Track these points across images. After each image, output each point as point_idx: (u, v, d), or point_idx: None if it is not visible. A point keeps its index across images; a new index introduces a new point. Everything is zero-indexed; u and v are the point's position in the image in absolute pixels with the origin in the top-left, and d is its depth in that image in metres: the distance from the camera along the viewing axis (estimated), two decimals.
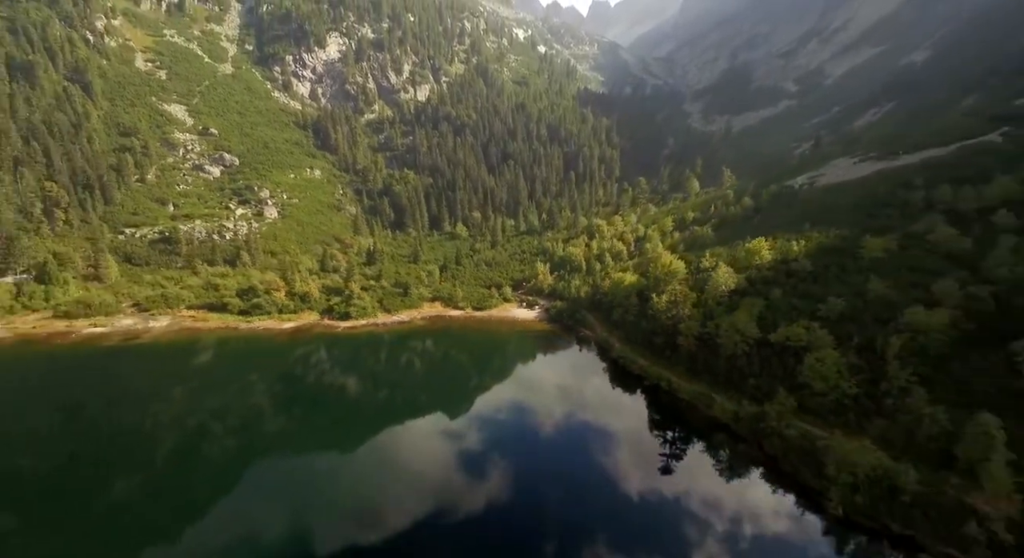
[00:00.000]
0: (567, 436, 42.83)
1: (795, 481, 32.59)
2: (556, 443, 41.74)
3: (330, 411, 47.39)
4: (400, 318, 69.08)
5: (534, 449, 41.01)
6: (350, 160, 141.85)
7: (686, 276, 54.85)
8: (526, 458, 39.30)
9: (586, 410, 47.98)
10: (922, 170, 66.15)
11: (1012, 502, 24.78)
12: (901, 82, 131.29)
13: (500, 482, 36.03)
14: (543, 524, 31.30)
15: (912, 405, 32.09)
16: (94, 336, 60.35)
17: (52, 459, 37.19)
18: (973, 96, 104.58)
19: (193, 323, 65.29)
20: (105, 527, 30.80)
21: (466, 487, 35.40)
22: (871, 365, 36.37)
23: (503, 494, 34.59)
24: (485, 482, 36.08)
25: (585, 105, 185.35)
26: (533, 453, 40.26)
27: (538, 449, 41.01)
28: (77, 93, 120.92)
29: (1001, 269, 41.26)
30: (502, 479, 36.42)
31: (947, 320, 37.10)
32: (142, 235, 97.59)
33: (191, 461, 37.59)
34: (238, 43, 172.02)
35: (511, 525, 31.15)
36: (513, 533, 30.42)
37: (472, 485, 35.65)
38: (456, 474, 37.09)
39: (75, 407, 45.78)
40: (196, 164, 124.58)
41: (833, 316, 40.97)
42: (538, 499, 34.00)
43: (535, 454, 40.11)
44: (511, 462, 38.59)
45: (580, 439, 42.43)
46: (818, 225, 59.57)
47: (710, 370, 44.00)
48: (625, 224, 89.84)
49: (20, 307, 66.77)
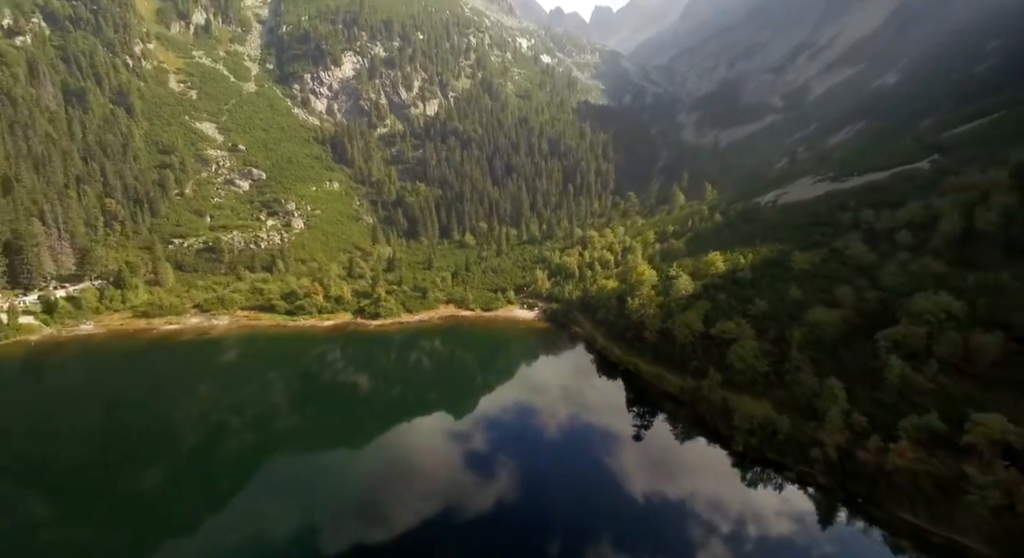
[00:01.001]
0: (560, 412, 56.62)
1: (715, 431, 46.23)
2: (550, 417, 55.56)
3: (378, 388, 61.64)
4: (421, 317, 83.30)
5: (532, 419, 54.91)
6: (365, 173, 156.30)
7: (656, 283, 68.62)
8: (525, 425, 53.26)
9: (575, 391, 61.87)
10: (859, 193, 79.62)
11: (842, 435, 38.16)
12: (872, 103, 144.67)
13: (506, 441, 50.01)
14: (537, 468, 45.20)
15: (801, 378, 45.61)
16: (171, 332, 74.72)
17: (135, 437, 51.39)
18: (928, 120, 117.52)
19: (248, 322, 79.57)
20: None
21: (478, 436, 49.35)
22: (780, 351, 49.91)
23: (509, 449, 48.53)
24: (496, 436, 50.08)
25: (584, 119, 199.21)
26: (531, 423, 54.20)
27: (535, 419, 54.92)
28: (121, 114, 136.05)
29: (890, 278, 54.66)
30: (508, 439, 50.39)
31: (839, 317, 50.59)
32: (189, 245, 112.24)
33: (267, 432, 51.75)
34: (260, 62, 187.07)
35: (516, 479, 45.02)
36: (513, 486, 44.29)
37: (485, 437, 49.62)
38: (471, 427, 51.08)
39: (154, 389, 60.06)
40: (227, 178, 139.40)
41: (758, 314, 54.57)
42: (534, 456, 47.92)
43: (533, 423, 54.05)
44: (514, 426, 52.58)
45: (570, 413, 56.16)
46: (767, 241, 73.22)
47: (666, 356, 57.70)
48: (614, 236, 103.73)
49: (104, 308, 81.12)
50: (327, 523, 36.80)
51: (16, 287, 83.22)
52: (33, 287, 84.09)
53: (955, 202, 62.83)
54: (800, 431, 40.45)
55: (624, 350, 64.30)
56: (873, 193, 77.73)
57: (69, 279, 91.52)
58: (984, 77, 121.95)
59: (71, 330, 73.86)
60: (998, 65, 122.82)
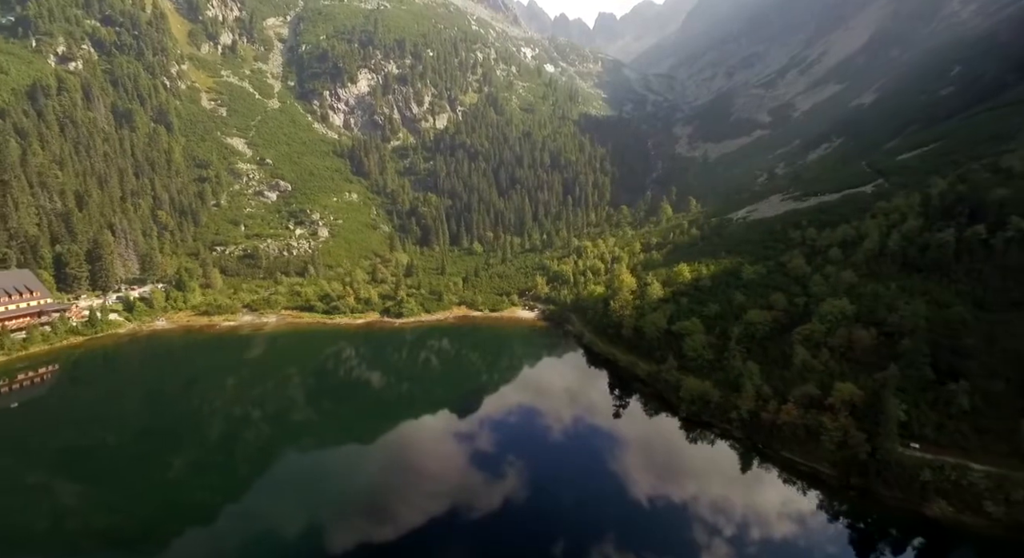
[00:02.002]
0: (554, 392, 72.25)
1: (670, 404, 61.70)
2: (546, 396, 71.22)
3: (408, 366, 77.66)
4: (437, 317, 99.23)
5: (531, 398, 70.64)
6: (381, 184, 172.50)
7: (635, 289, 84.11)
8: (525, 401, 69.07)
9: (567, 376, 77.53)
10: (812, 212, 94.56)
11: (752, 401, 53.48)
12: (849, 122, 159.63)
13: (509, 412, 65.89)
14: (533, 431, 60.98)
15: (733, 363, 60.95)
16: (230, 328, 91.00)
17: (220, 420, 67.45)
18: (894, 141, 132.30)
19: (293, 319, 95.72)
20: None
21: (486, 403, 65.22)
22: (722, 343, 65.19)
23: (511, 417, 64.37)
24: (504, 407, 65.95)
25: (584, 132, 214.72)
26: (530, 400, 69.93)
27: (533, 398, 70.62)
28: (162, 132, 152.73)
29: (816, 287, 69.84)
30: (511, 411, 66.30)
31: (770, 317, 65.90)
32: (230, 252, 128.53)
33: (322, 408, 67.80)
34: (282, 80, 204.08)
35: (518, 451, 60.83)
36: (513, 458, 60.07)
37: (493, 408, 65.51)
38: (485, 397, 66.93)
39: (225, 374, 76.15)
40: (257, 190, 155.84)
41: (710, 315, 69.90)
42: (531, 423, 63.73)
43: (531, 401, 69.77)
44: (516, 401, 68.43)
45: (561, 394, 71.76)
46: (731, 253, 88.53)
47: (638, 348, 73.10)
48: (605, 246, 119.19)
49: (170, 307, 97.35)
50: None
51: (95, 289, 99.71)
52: (108, 289, 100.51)
53: (879, 224, 78.11)
54: (725, 400, 55.84)
55: (606, 344, 79.87)
56: (822, 213, 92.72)
57: (134, 282, 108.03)
58: (947, 101, 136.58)
59: (148, 325, 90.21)
60: (958, 90, 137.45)
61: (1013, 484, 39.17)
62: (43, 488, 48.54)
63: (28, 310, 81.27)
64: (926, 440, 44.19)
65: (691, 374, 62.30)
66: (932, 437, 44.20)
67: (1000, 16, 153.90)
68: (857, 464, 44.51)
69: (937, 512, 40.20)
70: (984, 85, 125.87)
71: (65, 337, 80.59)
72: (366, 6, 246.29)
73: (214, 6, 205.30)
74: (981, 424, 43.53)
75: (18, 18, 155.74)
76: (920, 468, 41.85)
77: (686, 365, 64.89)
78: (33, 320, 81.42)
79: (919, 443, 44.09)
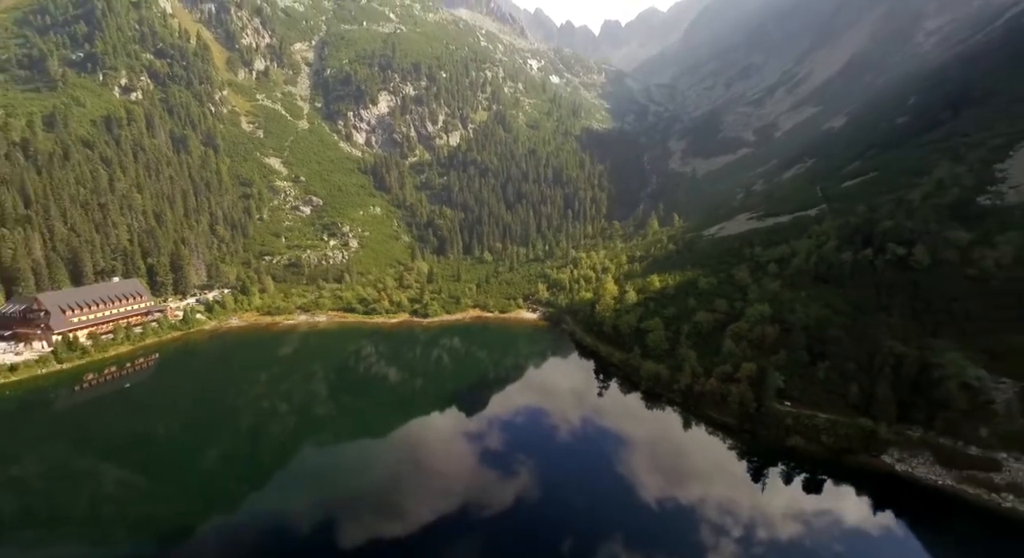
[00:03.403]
0: (550, 376, 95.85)
1: (633, 382, 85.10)
2: (544, 379, 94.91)
3: (437, 351, 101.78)
4: (457, 317, 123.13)
5: (531, 381, 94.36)
6: (401, 198, 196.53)
7: (616, 295, 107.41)
8: (526, 382, 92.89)
9: (560, 365, 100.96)
10: (766, 232, 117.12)
11: (688, 376, 76.64)
12: (820, 144, 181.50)
13: (512, 390, 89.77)
14: (531, 407, 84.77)
15: (681, 351, 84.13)
16: (291, 325, 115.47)
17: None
18: (854, 165, 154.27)
19: (339, 319, 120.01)
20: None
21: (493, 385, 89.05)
22: (675, 337, 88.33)
23: (514, 395, 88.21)
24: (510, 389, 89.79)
25: (585, 149, 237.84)
26: (530, 382, 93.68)
27: (533, 381, 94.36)
28: (211, 154, 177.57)
29: (752, 295, 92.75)
30: (514, 388, 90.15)
31: (712, 318, 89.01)
32: (276, 261, 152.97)
33: (369, 384, 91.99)
34: (310, 101, 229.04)
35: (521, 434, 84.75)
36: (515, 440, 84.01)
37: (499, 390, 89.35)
38: (495, 376, 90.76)
39: (293, 361, 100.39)
40: (293, 205, 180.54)
41: (669, 316, 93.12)
42: (531, 400, 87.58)
43: (531, 383, 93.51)
44: (518, 382, 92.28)
45: (557, 378, 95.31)
46: (694, 267, 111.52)
47: (615, 341, 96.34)
48: (597, 258, 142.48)
49: (238, 308, 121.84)
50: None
51: (176, 293, 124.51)
52: (187, 294, 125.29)
53: (808, 245, 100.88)
54: (672, 377, 79.14)
55: (592, 339, 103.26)
56: (773, 233, 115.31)
57: (204, 288, 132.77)
58: (900, 130, 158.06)
59: (225, 323, 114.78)
60: (910, 121, 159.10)
61: (840, 425, 62.17)
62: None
63: (139, 311, 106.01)
64: (794, 400, 67.25)
65: (650, 360, 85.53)
66: (798, 397, 67.26)
67: (953, 52, 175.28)
68: (749, 416, 67.71)
69: (793, 443, 63.27)
70: (928, 118, 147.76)
71: (167, 332, 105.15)
72: (383, 29, 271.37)
73: (248, 34, 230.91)
74: (829, 389, 66.57)
75: (87, 54, 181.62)
76: (786, 416, 65.03)
77: (648, 353, 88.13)
78: (142, 319, 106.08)
79: (790, 402, 67.19)
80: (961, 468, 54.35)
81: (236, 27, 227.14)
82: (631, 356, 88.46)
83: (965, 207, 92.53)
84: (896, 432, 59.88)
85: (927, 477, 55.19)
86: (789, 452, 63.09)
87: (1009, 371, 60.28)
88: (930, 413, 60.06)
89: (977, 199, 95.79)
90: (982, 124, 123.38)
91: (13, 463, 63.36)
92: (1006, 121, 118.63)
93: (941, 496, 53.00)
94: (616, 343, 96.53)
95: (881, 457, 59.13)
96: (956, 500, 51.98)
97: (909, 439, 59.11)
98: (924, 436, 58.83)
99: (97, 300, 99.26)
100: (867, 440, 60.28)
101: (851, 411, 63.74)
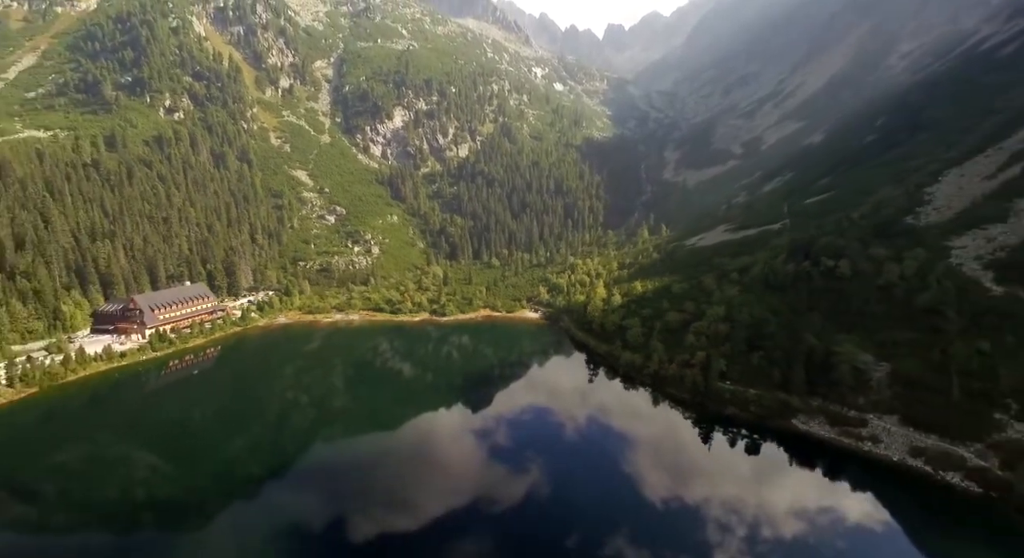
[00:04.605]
0: (549, 366, 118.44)
1: (615, 369, 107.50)
2: (543, 368, 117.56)
3: (459, 347, 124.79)
4: (470, 316, 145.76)
5: (532, 368, 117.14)
6: (415, 207, 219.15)
7: (604, 297, 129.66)
8: (529, 370, 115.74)
9: (556, 357, 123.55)
10: (735, 244, 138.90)
11: (656, 363, 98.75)
12: (799, 158, 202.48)
13: (517, 377, 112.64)
14: (531, 390, 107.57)
15: (653, 344, 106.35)
16: (330, 322, 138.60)
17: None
18: (825, 180, 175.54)
19: (369, 317, 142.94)
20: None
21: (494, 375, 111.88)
22: (649, 332, 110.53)
23: (518, 380, 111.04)
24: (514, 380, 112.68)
25: (585, 159, 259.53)
26: (531, 370, 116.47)
27: (534, 368, 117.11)
28: (246, 169, 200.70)
29: (715, 298, 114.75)
30: (519, 376, 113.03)
31: (680, 317, 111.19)
32: (309, 266, 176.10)
33: (396, 369, 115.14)
34: (330, 117, 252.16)
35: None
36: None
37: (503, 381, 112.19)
38: (501, 363, 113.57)
39: (332, 351, 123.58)
40: (319, 215, 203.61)
41: (646, 315, 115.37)
42: (531, 385, 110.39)
43: (532, 370, 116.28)
44: (521, 370, 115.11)
45: (553, 368, 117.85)
46: (672, 274, 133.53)
47: (602, 336, 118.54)
48: (591, 264, 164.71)
49: (283, 308, 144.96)
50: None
51: (230, 295, 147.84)
52: (238, 295, 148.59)
53: (764, 257, 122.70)
54: (644, 365, 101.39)
55: (584, 335, 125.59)
56: (741, 245, 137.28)
57: (251, 290, 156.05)
58: (867, 149, 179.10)
59: (274, 321, 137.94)
60: (876, 140, 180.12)
61: (764, 398, 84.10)
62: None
63: (207, 310, 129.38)
64: (733, 380, 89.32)
65: (628, 351, 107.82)
66: (736, 378, 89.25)
67: (917, 78, 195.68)
68: (700, 392, 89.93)
69: (730, 412, 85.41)
70: (889, 141, 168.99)
71: (230, 328, 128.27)
72: (397, 46, 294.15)
73: (274, 54, 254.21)
74: (759, 371, 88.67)
75: (135, 78, 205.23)
76: (726, 392, 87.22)
77: (627, 346, 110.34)
78: (209, 316, 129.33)
79: (729, 381, 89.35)
80: (842, 426, 76.30)
81: (263, 47, 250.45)
82: (613, 348, 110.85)
83: (891, 226, 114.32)
84: (803, 402, 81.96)
85: (819, 433, 77.12)
86: (727, 418, 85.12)
87: (888, 357, 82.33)
88: (828, 388, 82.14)
89: (904, 219, 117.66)
90: (925, 150, 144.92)
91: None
92: (943, 147, 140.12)
93: (827, 445, 74.82)
94: (602, 338, 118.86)
95: (791, 421, 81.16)
96: (835, 447, 73.95)
97: (811, 407, 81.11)
98: (821, 405, 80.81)
99: (175, 301, 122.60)
100: (782, 409, 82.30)
101: (773, 388, 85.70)
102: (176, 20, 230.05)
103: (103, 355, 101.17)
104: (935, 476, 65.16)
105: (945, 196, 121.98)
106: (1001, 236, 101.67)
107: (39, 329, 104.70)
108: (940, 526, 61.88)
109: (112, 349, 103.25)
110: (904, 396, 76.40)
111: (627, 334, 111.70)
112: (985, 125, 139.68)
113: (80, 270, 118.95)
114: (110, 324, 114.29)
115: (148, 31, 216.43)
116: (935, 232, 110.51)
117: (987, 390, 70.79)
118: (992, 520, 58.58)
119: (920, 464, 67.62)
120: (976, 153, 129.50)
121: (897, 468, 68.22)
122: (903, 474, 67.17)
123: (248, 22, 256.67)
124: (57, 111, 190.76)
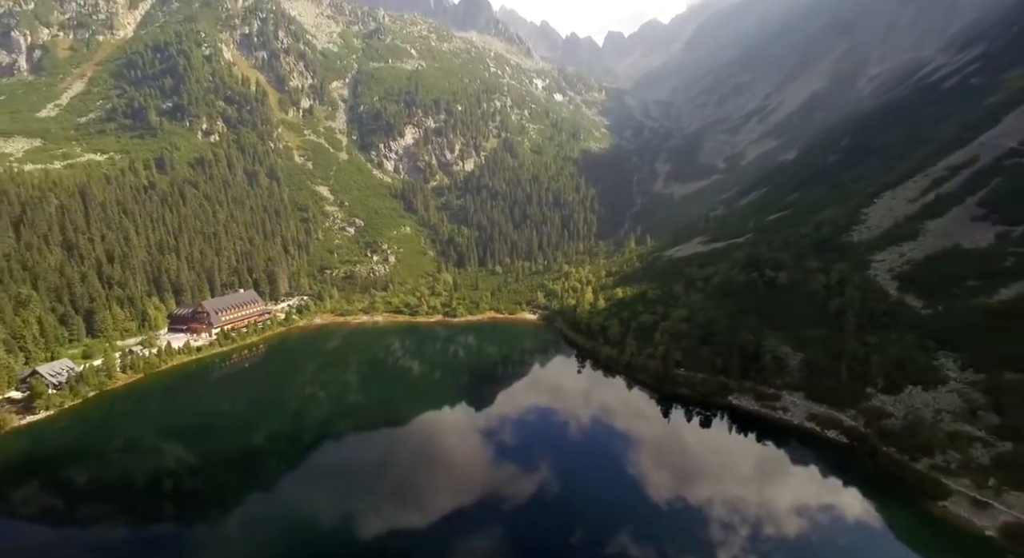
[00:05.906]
0: (543, 360, 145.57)
1: (597, 362, 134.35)
2: (539, 361, 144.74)
3: (472, 341, 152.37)
4: (478, 317, 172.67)
5: (530, 361, 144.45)
6: (426, 219, 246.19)
7: (592, 302, 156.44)
8: (529, 363, 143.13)
9: (549, 353, 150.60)
10: (704, 255, 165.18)
11: (628, 356, 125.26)
12: (772, 174, 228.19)
13: (518, 368, 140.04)
14: (527, 381, 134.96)
15: (628, 340, 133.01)
16: (358, 323, 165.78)
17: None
18: (793, 196, 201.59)
19: (391, 318, 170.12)
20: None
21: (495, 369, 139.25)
22: (626, 331, 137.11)
23: (518, 371, 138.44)
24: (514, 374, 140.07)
25: (582, 172, 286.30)
26: (530, 362, 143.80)
27: (531, 361, 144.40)
28: (275, 186, 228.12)
29: (680, 302, 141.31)
30: (521, 367, 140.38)
31: (651, 318, 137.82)
32: (334, 274, 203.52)
33: (413, 362, 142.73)
34: (347, 135, 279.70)
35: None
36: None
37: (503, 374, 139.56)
38: (504, 355, 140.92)
39: (359, 349, 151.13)
40: (340, 227, 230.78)
41: (623, 317, 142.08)
42: (529, 375, 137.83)
43: (531, 362, 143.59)
44: (521, 362, 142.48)
45: (547, 362, 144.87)
46: (649, 281, 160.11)
47: (587, 335, 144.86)
48: (583, 272, 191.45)
49: (317, 310, 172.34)
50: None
51: (271, 300, 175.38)
52: (278, 300, 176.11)
53: (725, 267, 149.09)
54: (619, 357, 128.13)
55: (574, 334, 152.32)
56: (709, 256, 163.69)
57: (287, 295, 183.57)
58: (831, 168, 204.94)
59: (312, 322, 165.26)
60: (839, 160, 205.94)
61: (709, 381, 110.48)
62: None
63: (257, 312, 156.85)
64: (687, 367, 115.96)
65: (607, 346, 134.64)
66: (689, 366, 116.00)
67: (879, 101, 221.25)
68: (659, 378, 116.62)
69: (682, 392, 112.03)
70: (848, 161, 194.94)
71: (277, 327, 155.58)
72: (407, 66, 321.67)
73: (295, 77, 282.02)
74: (707, 361, 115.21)
75: (175, 104, 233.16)
76: (680, 377, 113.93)
77: (607, 342, 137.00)
78: (260, 318, 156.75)
79: (683, 369, 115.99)
80: (764, 400, 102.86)
81: (285, 71, 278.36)
82: (597, 344, 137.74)
83: (827, 243, 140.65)
84: (737, 384, 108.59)
85: (747, 406, 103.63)
86: (681, 398, 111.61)
87: (802, 349, 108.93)
88: (756, 372, 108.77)
89: (842, 236, 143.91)
90: (871, 172, 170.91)
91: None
92: (883, 171, 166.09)
93: (752, 415, 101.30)
94: (589, 336, 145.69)
95: (727, 398, 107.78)
96: (758, 416, 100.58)
97: (743, 387, 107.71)
98: (751, 385, 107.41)
99: (234, 305, 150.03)
100: (721, 389, 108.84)
101: (716, 373, 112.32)
102: (209, 49, 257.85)
103: (184, 349, 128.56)
104: (821, 433, 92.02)
105: (877, 216, 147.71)
106: (910, 252, 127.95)
107: (132, 328, 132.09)
108: (820, 465, 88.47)
109: (190, 345, 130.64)
110: (809, 378, 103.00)
111: (608, 333, 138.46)
112: (919, 153, 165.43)
113: (156, 279, 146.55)
114: (183, 324, 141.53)
115: (185, 60, 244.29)
116: (863, 248, 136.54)
117: (864, 372, 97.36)
118: (853, 462, 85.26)
119: (813, 426, 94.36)
120: (907, 178, 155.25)
121: (798, 429, 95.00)
122: (802, 433, 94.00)
123: (271, 47, 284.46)
124: (108, 135, 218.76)
